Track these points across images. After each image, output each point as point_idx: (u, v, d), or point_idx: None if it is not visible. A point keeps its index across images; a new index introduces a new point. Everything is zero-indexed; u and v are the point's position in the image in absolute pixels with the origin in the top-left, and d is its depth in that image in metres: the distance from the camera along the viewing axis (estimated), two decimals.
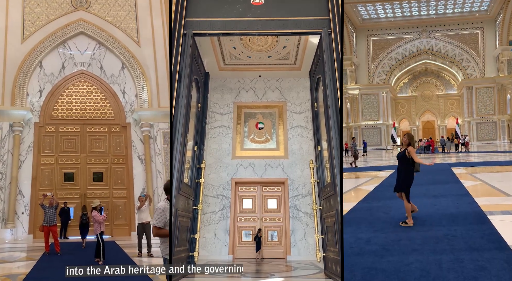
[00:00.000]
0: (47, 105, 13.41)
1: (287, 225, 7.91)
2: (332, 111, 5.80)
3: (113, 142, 13.71)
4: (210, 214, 7.99)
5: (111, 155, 13.59)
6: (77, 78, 13.73)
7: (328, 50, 6.20)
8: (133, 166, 13.44)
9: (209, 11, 6.58)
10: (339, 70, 5.94)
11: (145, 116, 13.48)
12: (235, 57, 8.37)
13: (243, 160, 8.41)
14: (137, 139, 13.65)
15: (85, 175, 13.41)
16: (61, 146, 13.42)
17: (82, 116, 13.56)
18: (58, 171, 13.31)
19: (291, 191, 8.12)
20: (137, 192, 13.17)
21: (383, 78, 40.52)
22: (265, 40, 7.80)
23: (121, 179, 13.49)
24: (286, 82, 8.93)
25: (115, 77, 13.88)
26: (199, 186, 7.34)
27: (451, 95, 42.85)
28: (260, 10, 6.58)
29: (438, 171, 13.94)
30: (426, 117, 43.80)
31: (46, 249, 9.63)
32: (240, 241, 7.95)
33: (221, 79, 8.89)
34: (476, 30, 39.17)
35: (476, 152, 28.29)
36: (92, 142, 13.58)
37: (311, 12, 6.55)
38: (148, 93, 13.65)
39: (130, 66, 13.77)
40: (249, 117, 8.80)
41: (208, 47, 7.81)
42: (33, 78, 13.44)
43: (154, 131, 13.61)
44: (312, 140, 8.25)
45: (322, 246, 6.81)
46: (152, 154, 13.46)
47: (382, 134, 39.70)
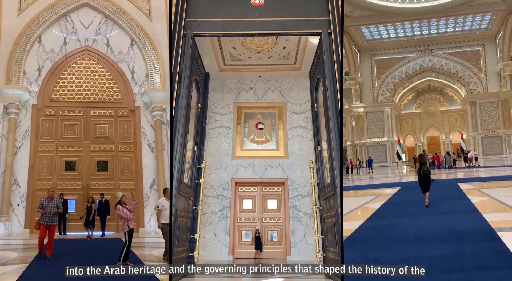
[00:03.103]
0: (47, 86, 11.99)
1: (287, 225, 7.92)
2: (332, 111, 5.81)
3: (120, 127, 12.24)
4: (210, 214, 7.99)
5: (117, 142, 12.19)
6: (80, 55, 12.28)
7: (328, 50, 6.21)
8: (142, 155, 12.03)
9: (209, 11, 6.58)
10: (339, 70, 5.94)
11: (157, 98, 11.92)
12: (235, 58, 8.38)
13: (243, 160, 8.42)
14: (147, 125, 12.15)
15: (88, 164, 12.04)
16: (61, 131, 12.02)
17: (85, 98, 12.13)
18: (58, 159, 11.93)
19: (291, 191, 8.13)
20: (146, 183, 11.88)
21: (388, 96, 41.96)
22: (265, 40, 7.82)
23: (129, 169, 12.07)
24: (286, 82, 8.94)
25: (123, 55, 12.39)
26: (199, 186, 7.34)
27: (455, 110, 43.87)
28: (260, 10, 6.59)
29: (444, 187, 13.54)
30: (431, 133, 44.82)
31: (40, 248, 8.01)
32: (240, 241, 7.96)
33: (221, 79, 8.90)
34: (477, 47, 40.44)
35: (483, 166, 27.32)
36: (96, 127, 12.16)
37: (311, 13, 6.55)
38: (160, 73, 12.06)
39: (140, 43, 12.26)
40: (249, 117, 8.80)
41: (208, 47, 7.81)
42: (31, 55, 11.90)
43: (166, 116, 11.93)
44: (312, 140, 8.26)
45: (322, 246, 6.81)
46: (164, 142, 11.89)
47: (388, 151, 40.84)
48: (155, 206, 11.82)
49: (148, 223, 12.02)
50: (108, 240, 10.71)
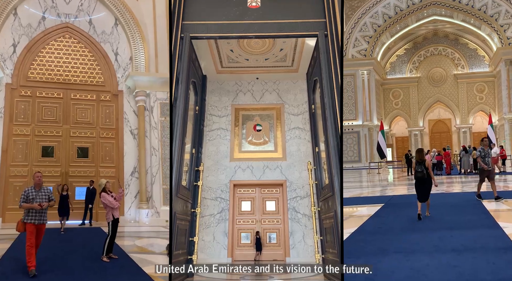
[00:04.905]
0: (23, 64, 11.10)
1: (286, 227, 7.92)
2: (329, 112, 5.84)
3: (102, 112, 11.62)
4: (209, 217, 7.99)
5: (99, 127, 11.63)
6: (60, 32, 11.38)
7: (324, 52, 6.24)
8: (124, 141, 11.57)
9: (206, 14, 6.61)
10: (340, 71, 5.94)
11: (141, 83, 11.38)
12: (233, 60, 8.41)
13: (241, 162, 8.43)
14: (130, 111, 11.63)
15: (68, 150, 11.40)
16: (39, 114, 11.22)
17: (65, 79, 11.34)
18: (34, 143, 11.20)
19: (289, 192, 8.14)
20: (127, 171, 11.47)
21: (363, 49, 24.77)
22: (262, 42, 7.85)
23: (110, 156, 11.55)
24: (284, 84, 8.98)
25: (107, 35, 11.61)
26: (198, 189, 7.35)
27: (480, 75, 26.27)
28: (256, 13, 6.63)
29: (460, 207, 9.07)
30: (436, 113, 27.66)
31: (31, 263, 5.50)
32: (239, 243, 7.96)
33: (218, 81, 8.92)
34: None
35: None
36: (77, 111, 11.48)
37: (307, 15, 6.59)
38: (145, 56, 11.39)
39: (125, 23, 11.50)
40: (247, 119, 8.82)
41: (206, 50, 7.84)
42: (5, 29, 10.87)
43: (150, 102, 11.43)
44: (309, 142, 8.28)
45: (321, 247, 6.82)
46: (147, 128, 11.42)
47: (362, 143, 24.44)
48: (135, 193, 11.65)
49: (128, 211, 11.66)
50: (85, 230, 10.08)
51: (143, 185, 11.27)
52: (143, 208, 11.79)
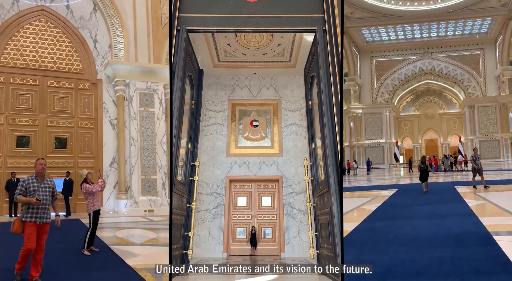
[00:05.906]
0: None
1: (281, 222, 7.91)
2: (326, 109, 5.80)
3: (81, 101, 11.31)
4: (204, 212, 7.97)
5: (77, 117, 11.36)
6: (36, 16, 10.95)
7: (322, 48, 6.19)
8: (103, 132, 11.37)
9: (204, 7, 6.54)
10: (339, 67, 5.90)
11: (121, 72, 11.08)
12: (230, 54, 8.34)
13: (238, 157, 8.39)
14: (109, 100, 11.37)
15: (45, 140, 11.05)
16: (13, 102, 10.77)
17: (41, 65, 10.91)
18: (8, 133, 10.77)
19: (285, 188, 8.12)
20: (106, 161, 11.29)
21: (386, 98, 42.64)
22: (259, 37, 7.78)
23: (89, 146, 11.35)
24: (281, 79, 8.92)
25: (85, 20, 11.25)
26: (193, 184, 7.31)
27: (454, 113, 44.34)
28: (254, 6, 6.56)
29: (442, 190, 13.94)
30: (429, 135, 45.28)
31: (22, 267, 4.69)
32: (235, 238, 7.94)
33: (215, 76, 8.85)
34: (476, 51, 41.15)
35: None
36: (54, 100, 11.11)
37: (305, 10, 6.53)
38: (125, 44, 11.08)
39: (104, 9, 11.15)
40: (243, 114, 8.77)
41: (202, 43, 7.76)
42: None
43: (130, 91, 11.18)
44: (306, 138, 8.25)
45: (316, 243, 6.82)
46: (126, 118, 11.25)
47: (385, 152, 41.13)
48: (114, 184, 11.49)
49: (106, 202, 11.54)
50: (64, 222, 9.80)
51: (122, 176, 11.11)
52: (122, 198, 11.52)
